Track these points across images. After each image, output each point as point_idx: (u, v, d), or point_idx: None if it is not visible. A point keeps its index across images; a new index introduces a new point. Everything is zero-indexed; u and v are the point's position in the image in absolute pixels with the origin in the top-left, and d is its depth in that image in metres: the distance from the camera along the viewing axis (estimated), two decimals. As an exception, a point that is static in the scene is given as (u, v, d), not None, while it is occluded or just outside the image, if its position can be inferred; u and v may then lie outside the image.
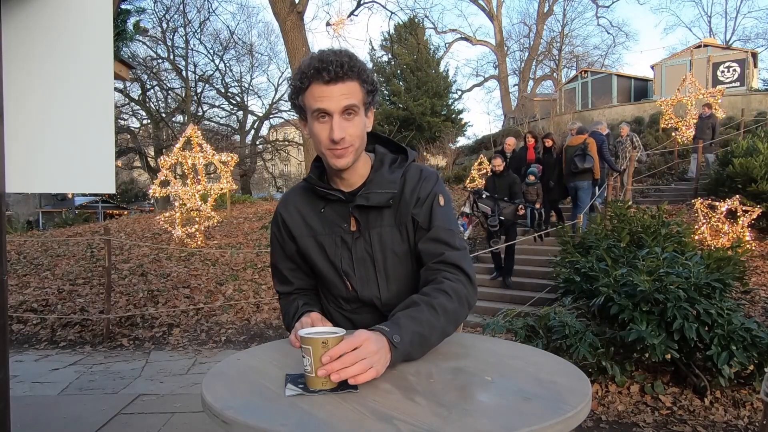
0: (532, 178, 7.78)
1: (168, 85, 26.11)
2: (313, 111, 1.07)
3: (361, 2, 15.11)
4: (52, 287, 6.46)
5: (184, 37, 25.67)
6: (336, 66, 1.04)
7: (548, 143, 7.84)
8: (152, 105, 25.97)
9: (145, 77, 24.12)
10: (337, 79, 1.05)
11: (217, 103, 28.37)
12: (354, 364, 0.83)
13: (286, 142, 29.39)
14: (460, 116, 25.36)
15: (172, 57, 25.63)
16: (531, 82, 29.53)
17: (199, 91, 26.59)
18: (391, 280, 1.18)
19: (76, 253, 8.19)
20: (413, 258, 1.19)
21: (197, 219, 8.62)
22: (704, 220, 6.49)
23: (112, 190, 1.59)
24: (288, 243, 1.25)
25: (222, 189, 8.99)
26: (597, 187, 7.70)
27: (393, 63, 24.56)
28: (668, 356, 3.13)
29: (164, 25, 25.06)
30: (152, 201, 22.71)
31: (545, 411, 0.73)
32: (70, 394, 3.73)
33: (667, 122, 10.03)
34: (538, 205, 7.74)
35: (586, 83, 21.51)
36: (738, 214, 6.36)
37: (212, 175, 18.91)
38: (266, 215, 10.72)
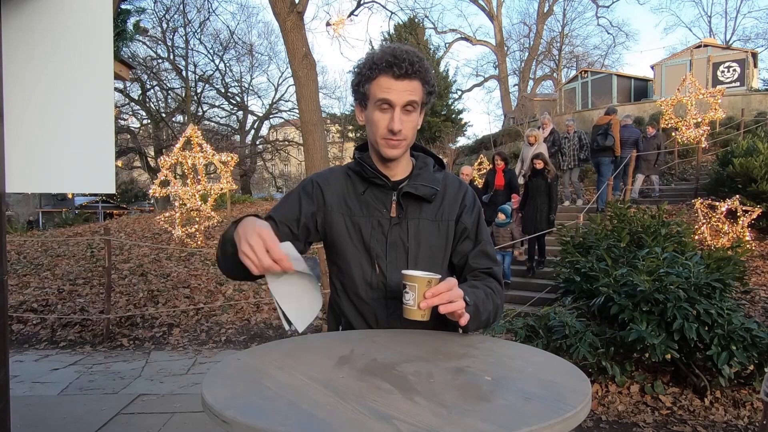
0: (502, 217, 6.35)
1: (168, 85, 26.15)
2: (377, 100, 1.16)
3: (361, 2, 15.12)
4: (52, 287, 6.46)
5: (184, 37, 25.69)
6: (408, 64, 1.13)
7: (538, 165, 6.60)
8: (152, 105, 25.99)
9: (145, 77, 24.13)
10: (406, 76, 1.14)
11: (217, 103, 28.42)
12: (455, 301, 1.02)
13: (286, 142, 29.40)
14: (460, 116, 25.40)
15: (172, 57, 25.65)
16: (531, 82, 29.54)
17: (199, 91, 26.60)
18: (420, 269, 1.20)
19: (76, 253, 8.19)
20: (445, 254, 1.27)
21: (197, 219, 8.62)
22: (704, 220, 6.50)
23: (112, 190, 1.59)
24: (312, 205, 1.25)
25: (222, 189, 8.99)
26: (616, 165, 8.54)
27: (393, 63, 24.51)
28: (668, 356, 3.13)
29: (164, 25, 25.09)
30: (152, 201, 22.71)
31: (545, 411, 0.73)
32: (70, 394, 3.73)
33: (667, 122, 10.02)
34: (517, 253, 6.69)
35: (586, 83, 21.49)
36: (738, 214, 6.36)
37: (212, 175, 18.90)
38: (266, 215, 10.72)
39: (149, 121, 25.75)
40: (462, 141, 24.94)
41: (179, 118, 26.63)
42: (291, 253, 1.06)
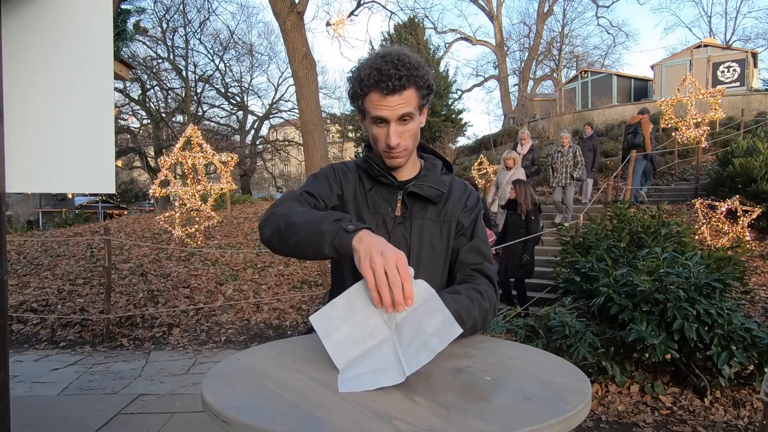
0: None
1: (168, 85, 26.14)
2: (372, 117, 1.16)
3: (361, 2, 15.11)
4: (52, 287, 6.46)
5: (184, 37, 25.70)
6: (395, 79, 1.10)
7: (512, 194, 5.74)
8: (152, 105, 25.98)
9: (145, 77, 24.12)
10: (395, 91, 1.12)
11: (217, 103, 28.41)
12: None
13: (286, 142, 29.40)
14: (460, 116, 25.36)
15: (172, 57, 25.64)
16: (531, 82, 29.53)
17: (199, 91, 26.59)
18: (421, 269, 1.20)
19: (76, 253, 8.19)
20: (447, 256, 1.26)
21: (197, 219, 8.62)
22: (704, 220, 6.49)
23: (112, 190, 1.59)
24: (338, 188, 1.26)
25: (222, 189, 8.99)
26: (650, 161, 8.84)
27: (393, 63, 24.52)
28: (668, 356, 3.13)
29: (164, 25, 25.09)
30: (152, 201, 22.71)
31: (545, 411, 0.73)
32: (70, 394, 3.73)
33: (667, 122, 10.02)
34: None
35: (586, 83, 21.50)
36: (738, 214, 6.36)
37: (212, 175, 18.91)
38: (266, 215, 10.71)
39: (149, 121, 25.74)
40: (462, 141, 24.96)
41: (179, 118, 26.63)
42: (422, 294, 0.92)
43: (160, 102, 26.76)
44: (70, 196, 26.71)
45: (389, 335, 0.92)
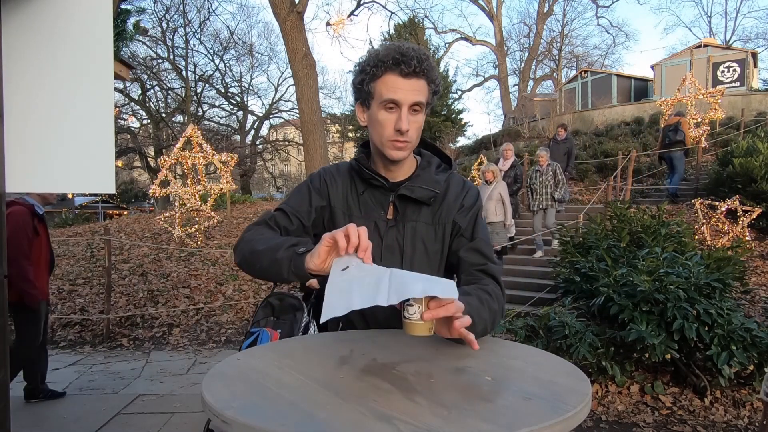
0: None
1: (168, 85, 26.13)
2: (384, 100, 1.12)
3: (361, 2, 15.11)
4: (52, 287, 6.46)
5: (184, 37, 25.68)
6: (416, 62, 1.09)
7: None
8: (152, 105, 25.97)
9: (145, 77, 24.11)
10: (413, 74, 1.10)
11: (217, 103, 28.39)
12: (460, 312, 0.91)
13: (286, 142, 29.39)
14: (460, 116, 25.35)
15: (172, 57, 25.64)
16: (531, 82, 29.53)
17: (199, 91, 26.58)
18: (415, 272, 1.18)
19: (76, 253, 8.19)
20: (442, 259, 1.23)
21: (197, 219, 8.62)
22: (704, 220, 6.50)
23: (112, 190, 1.59)
24: (321, 199, 1.24)
25: (222, 189, 8.99)
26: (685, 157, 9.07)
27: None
28: (668, 356, 3.13)
29: (164, 25, 25.07)
30: (152, 201, 22.72)
31: (545, 411, 0.73)
32: (70, 394, 3.73)
33: (667, 122, 10.02)
34: None
35: (586, 83, 21.50)
36: (738, 214, 6.36)
37: (212, 175, 18.91)
38: (266, 215, 10.70)
39: (149, 121, 25.73)
40: (462, 141, 24.94)
41: (179, 118, 26.63)
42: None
43: (160, 102, 26.77)
44: (70, 196, 26.67)
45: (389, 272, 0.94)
